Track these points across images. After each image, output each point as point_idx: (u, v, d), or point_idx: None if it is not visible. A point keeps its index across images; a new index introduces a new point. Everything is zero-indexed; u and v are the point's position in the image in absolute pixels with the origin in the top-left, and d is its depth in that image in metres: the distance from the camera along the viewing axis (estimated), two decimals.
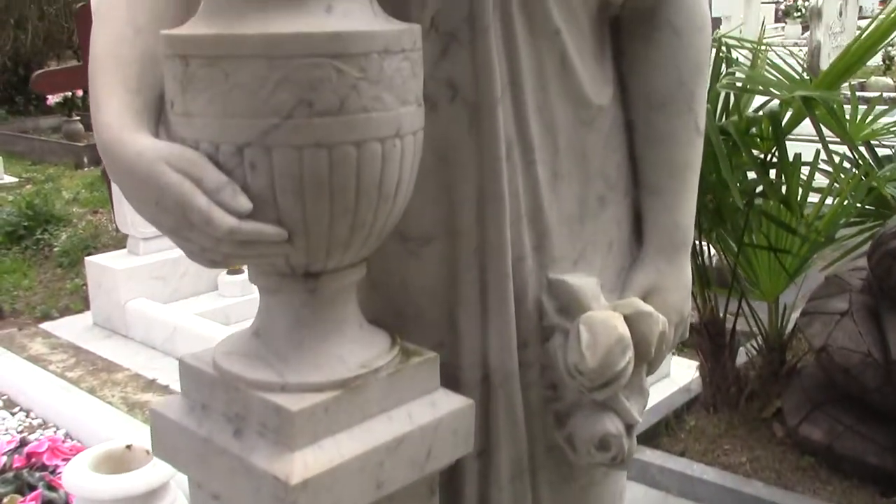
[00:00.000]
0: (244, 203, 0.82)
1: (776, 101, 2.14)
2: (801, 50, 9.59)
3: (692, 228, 1.12)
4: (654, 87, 1.08)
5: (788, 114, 2.25)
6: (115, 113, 0.87)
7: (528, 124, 1.00)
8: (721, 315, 2.59)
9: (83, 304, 4.78)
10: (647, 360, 1.03)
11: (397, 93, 0.85)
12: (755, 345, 2.76)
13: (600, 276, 1.08)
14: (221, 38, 0.81)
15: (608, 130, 1.08)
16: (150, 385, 3.82)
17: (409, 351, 0.99)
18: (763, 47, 2.51)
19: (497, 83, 0.96)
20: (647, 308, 1.02)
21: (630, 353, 0.99)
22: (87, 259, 4.63)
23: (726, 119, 2.24)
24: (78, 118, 9.02)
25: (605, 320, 0.99)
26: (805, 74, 2.40)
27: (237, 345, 0.97)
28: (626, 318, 1.01)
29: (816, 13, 8.76)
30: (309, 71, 0.80)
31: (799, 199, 2.31)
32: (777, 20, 14.36)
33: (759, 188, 2.27)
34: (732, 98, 2.37)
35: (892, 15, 2.28)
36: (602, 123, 1.07)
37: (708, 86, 1.10)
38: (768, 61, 2.47)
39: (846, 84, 2.49)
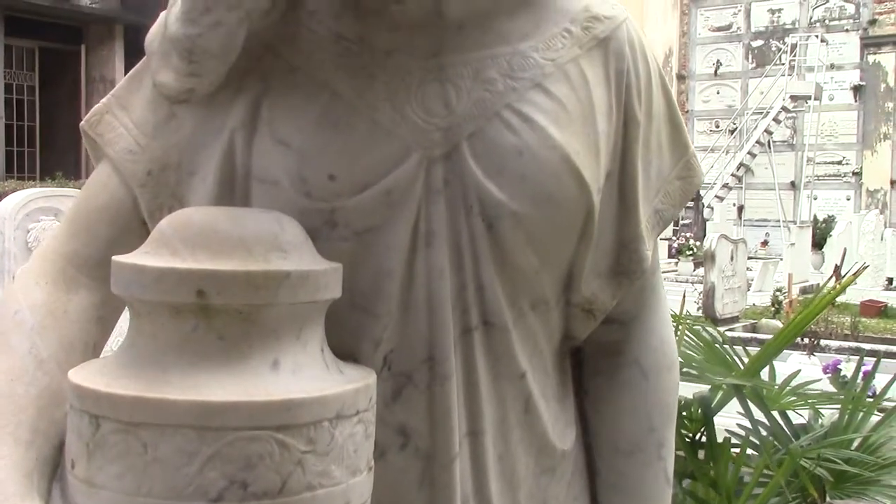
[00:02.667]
0: None
1: (706, 385, 2.12)
2: (693, 287, 9.99)
3: None
4: (621, 432, 0.99)
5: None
6: None
7: (486, 479, 0.87)
8: None
9: None
10: None
11: (348, 462, 0.72)
12: None
13: None
14: (143, 401, 0.67)
15: (570, 477, 0.97)
16: None
17: None
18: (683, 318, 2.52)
19: (456, 435, 0.85)
20: None
21: None
22: None
23: None
24: None
25: None
26: (730, 356, 2.39)
27: None
28: None
29: (710, 256, 9.21)
30: (246, 446, 0.67)
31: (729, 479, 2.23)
32: (670, 256, 15.08)
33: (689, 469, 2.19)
34: None
35: (805, 312, 2.39)
36: (564, 469, 0.96)
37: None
38: (687, 335, 2.47)
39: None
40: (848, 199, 18.15)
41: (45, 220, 3.98)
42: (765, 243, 18.00)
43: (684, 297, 2.95)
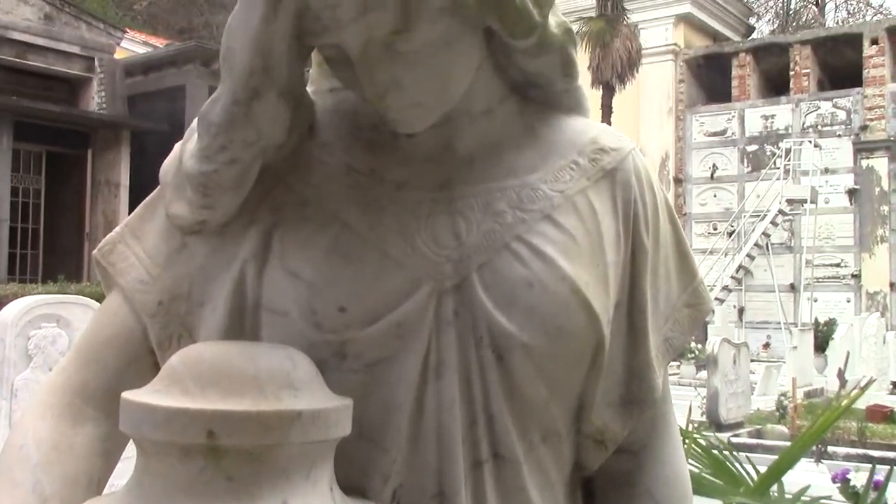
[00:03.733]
0: None
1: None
2: (696, 391, 9.89)
3: None
4: None
5: None
6: None
7: None
8: None
9: None
10: None
11: None
12: None
13: None
14: None
15: None
16: None
17: None
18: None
19: None
20: None
21: None
22: None
23: None
24: None
25: None
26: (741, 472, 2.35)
27: None
28: None
29: (713, 361, 9.15)
30: None
31: None
32: (673, 360, 14.95)
33: None
34: None
35: (815, 428, 2.38)
36: None
37: None
38: (694, 448, 2.43)
39: None
40: (848, 301, 18.16)
41: (46, 328, 3.97)
42: (766, 346, 17.90)
43: (690, 410, 2.91)
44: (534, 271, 0.86)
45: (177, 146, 0.93)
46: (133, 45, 18.70)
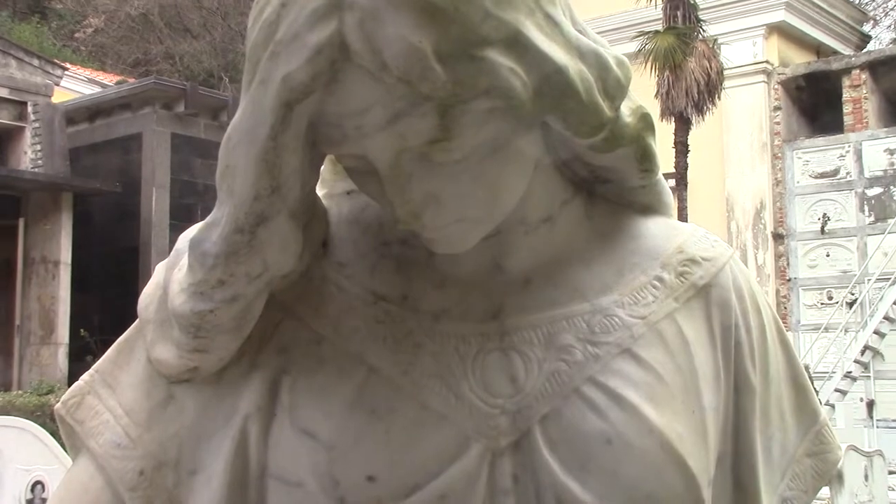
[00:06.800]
0: None
1: None
2: None
3: None
4: None
5: None
6: None
7: None
8: None
9: None
10: None
11: None
12: None
13: None
14: None
15: None
16: None
17: None
18: None
19: None
20: None
21: None
22: None
23: None
24: None
25: None
26: None
27: None
28: None
29: (838, 476, 9.00)
30: None
31: None
32: None
33: None
34: None
35: None
36: None
37: None
38: None
39: None
40: None
41: None
42: None
43: None
44: (612, 423, 0.88)
45: (159, 268, 0.97)
46: (76, 84, 19.16)
